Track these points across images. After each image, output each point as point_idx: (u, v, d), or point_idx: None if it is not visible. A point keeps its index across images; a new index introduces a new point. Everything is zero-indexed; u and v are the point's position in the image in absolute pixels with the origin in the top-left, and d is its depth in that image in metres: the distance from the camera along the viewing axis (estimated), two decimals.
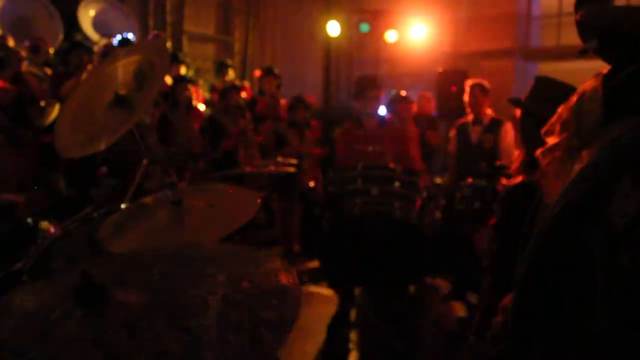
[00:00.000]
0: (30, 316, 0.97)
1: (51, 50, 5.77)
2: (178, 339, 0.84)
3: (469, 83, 5.08)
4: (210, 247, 1.26)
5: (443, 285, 5.05)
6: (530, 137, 1.93)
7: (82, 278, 0.97)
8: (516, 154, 2.12)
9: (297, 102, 5.85)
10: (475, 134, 4.89)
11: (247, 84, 7.07)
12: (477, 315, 1.94)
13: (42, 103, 4.52)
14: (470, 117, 4.98)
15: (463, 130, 4.99)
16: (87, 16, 6.97)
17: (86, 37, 6.81)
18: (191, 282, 0.97)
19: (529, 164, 1.90)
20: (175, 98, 5.47)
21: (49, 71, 5.34)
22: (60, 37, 6.63)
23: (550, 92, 1.88)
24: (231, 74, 7.22)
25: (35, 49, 5.41)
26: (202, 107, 6.21)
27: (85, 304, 0.97)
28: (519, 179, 1.98)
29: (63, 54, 5.59)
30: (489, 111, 4.98)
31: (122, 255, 1.42)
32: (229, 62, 8.01)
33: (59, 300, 0.99)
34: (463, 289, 4.27)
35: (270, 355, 0.82)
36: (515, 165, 2.06)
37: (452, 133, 5.17)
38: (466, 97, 5.03)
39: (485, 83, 5.05)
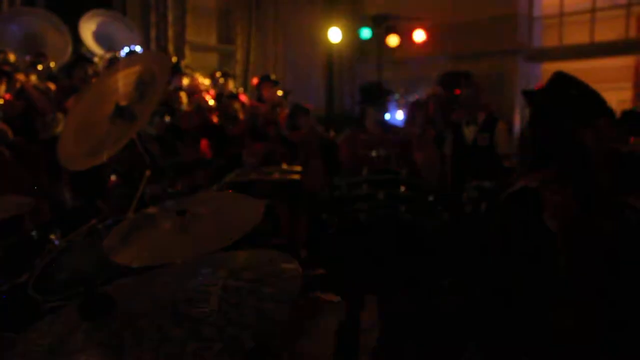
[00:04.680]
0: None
1: (53, 64, 5.80)
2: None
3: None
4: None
5: (452, 287, 5.02)
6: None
7: (86, 290, 0.96)
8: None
9: (297, 110, 5.97)
10: (469, 134, 4.84)
11: (241, 90, 7.10)
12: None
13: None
14: (462, 117, 4.93)
15: (457, 131, 4.94)
16: (88, 30, 7.02)
17: (88, 50, 6.86)
18: (192, 280, 0.99)
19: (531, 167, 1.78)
20: (172, 107, 5.51)
21: (52, 86, 5.36)
22: (69, 51, 6.69)
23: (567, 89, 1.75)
24: (230, 83, 7.26)
25: (34, 65, 5.46)
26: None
27: (91, 317, 0.96)
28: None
29: (68, 68, 5.63)
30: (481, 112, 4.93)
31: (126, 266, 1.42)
32: (229, 71, 8.06)
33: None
34: None
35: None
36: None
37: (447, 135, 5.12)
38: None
39: (477, 83, 5.02)
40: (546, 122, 1.72)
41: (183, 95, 5.84)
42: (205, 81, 7.17)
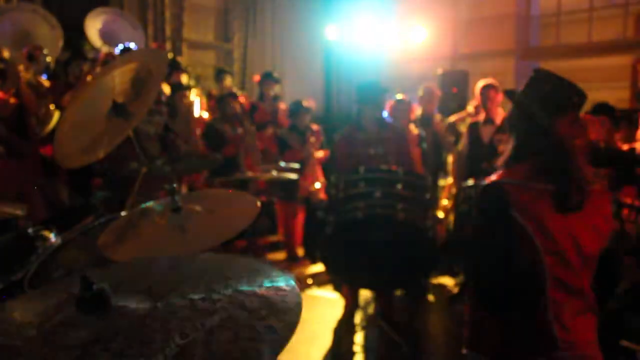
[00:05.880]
0: (29, 323, 0.98)
1: (49, 59, 5.76)
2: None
3: (480, 84, 4.99)
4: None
5: (450, 285, 5.04)
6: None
7: (82, 285, 0.96)
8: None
9: (298, 107, 5.87)
10: (486, 133, 4.82)
11: (240, 92, 7.03)
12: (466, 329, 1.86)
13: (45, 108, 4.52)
14: (481, 117, 4.93)
15: (474, 130, 4.91)
16: (94, 27, 6.97)
17: (93, 48, 6.82)
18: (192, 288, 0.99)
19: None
20: (174, 106, 5.49)
21: (47, 83, 5.33)
22: (60, 45, 6.63)
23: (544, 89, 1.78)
24: (229, 81, 7.19)
25: (32, 57, 5.40)
26: (205, 114, 6.20)
27: (87, 311, 0.96)
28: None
29: (63, 65, 5.59)
30: (500, 111, 4.91)
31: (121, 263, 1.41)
32: (227, 68, 8.02)
33: (59, 307, 1.00)
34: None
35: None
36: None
37: (464, 133, 5.14)
38: (478, 99, 4.99)
39: (496, 82, 4.97)
40: (523, 117, 1.77)
41: (189, 95, 5.81)
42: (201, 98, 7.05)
